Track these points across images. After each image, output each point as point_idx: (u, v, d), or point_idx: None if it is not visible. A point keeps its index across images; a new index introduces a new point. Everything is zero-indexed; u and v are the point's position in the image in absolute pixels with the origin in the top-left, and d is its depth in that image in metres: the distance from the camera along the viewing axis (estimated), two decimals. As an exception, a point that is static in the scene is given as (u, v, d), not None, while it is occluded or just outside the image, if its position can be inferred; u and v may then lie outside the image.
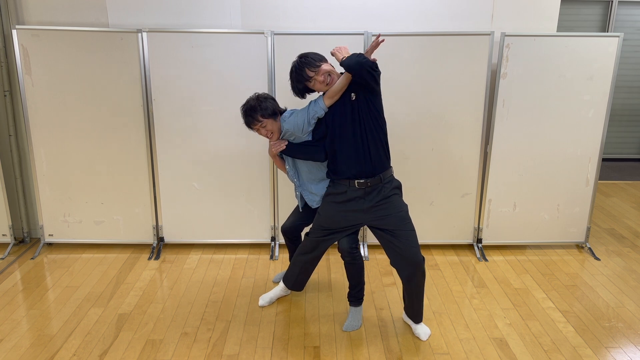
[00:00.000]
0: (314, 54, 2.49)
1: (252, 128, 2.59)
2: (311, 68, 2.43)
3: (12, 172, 3.73)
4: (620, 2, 5.90)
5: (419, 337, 2.65)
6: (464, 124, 3.47)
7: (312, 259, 2.77)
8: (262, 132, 2.60)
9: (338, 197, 2.53)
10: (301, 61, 2.46)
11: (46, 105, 3.43)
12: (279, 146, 2.62)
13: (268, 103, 2.55)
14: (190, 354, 2.51)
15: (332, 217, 2.57)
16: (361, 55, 2.31)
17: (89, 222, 3.67)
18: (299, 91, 2.53)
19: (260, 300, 2.96)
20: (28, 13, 3.45)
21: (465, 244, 3.78)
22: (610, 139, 6.45)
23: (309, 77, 2.44)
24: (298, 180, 2.76)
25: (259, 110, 2.53)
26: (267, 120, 2.55)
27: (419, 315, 2.66)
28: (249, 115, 2.56)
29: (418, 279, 2.51)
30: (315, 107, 2.50)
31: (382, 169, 2.48)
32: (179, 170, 3.56)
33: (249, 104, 2.57)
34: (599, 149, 3.55)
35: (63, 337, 2.64)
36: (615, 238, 4.01)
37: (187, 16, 3.48)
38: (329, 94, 2.45)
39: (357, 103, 2.42)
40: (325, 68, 2.44)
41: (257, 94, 2.61)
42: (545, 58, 3.35)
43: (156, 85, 3.40)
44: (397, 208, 2.49)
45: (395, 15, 3.50)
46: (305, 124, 2.54)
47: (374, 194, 2.48)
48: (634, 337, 2.68)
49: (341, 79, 2.42)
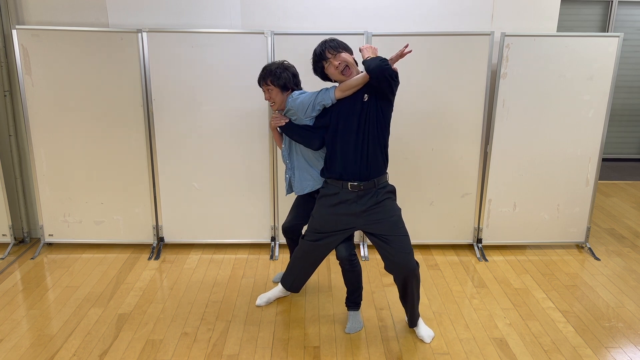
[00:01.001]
0: (342, 42, 2.47)
1: (260, 86, 2.68)
2: (331, 50, 2.41)
3: (12, 172, 3.73)
4: (620, 2, 5.90)
5: (422, 339, 2.63)
6: (464, 124, 3.47)
7: (310, 264, 2.74)
8: (266, 96, 2.66)
9: (330, 199, 2.51)
10: (326, 42, 2.45)
11: (46, 105, 3.43)
12: (279, 121, 2.63)
13: (285, 74, 2.61)
14: (190, 354, 2.51)
15: (325, 220, 2.54)
16: (385, 61, 2.26)
17: (89, 222, 3.67)
18: (319, 71, 2.51)
19: (258, 300, 2.96)
20: (28, 13, 3.45)
21: (465, 244, 3.78)
22: (610, 139, 6.45)
23: (326, 58, 2.42)
24: (289, 162, 2.76)
25: (271, 75, 2.60)
26: (274, 88, 2.61)
27: (414, 319, 2.66)
28: (263, 74, 2.63)
29: (412, 284, 2.50)
30: (325, 95, 2.46)
31: (378, 174, 2.45)
32: (179, 170, 3.56)
33: (270, 67, 2.63)
34: (599, 149, 3.55)
35: (63, 337, 2.64)
36: (615, 238, 4.01)
37: (187, 16, 3.49)
38: (342, 87, 2.41)
39: (368, 105, 2.38)
40: (344, 57, 2.40)
41: (284, 62, 2.67)
42: (545, 58, 3.35)
43: (156, 85, 3.40)
44: (390, 213, 2.46)
45: (395, 16, 3.50)
46: (309, 107, 2.50)
47: (366, 197, 2.45)
48: (634, 337, 2.68)
49: (359, 76, 2.38)
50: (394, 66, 2.32)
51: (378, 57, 2.29)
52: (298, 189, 2.74)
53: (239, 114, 3.45)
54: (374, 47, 2.40)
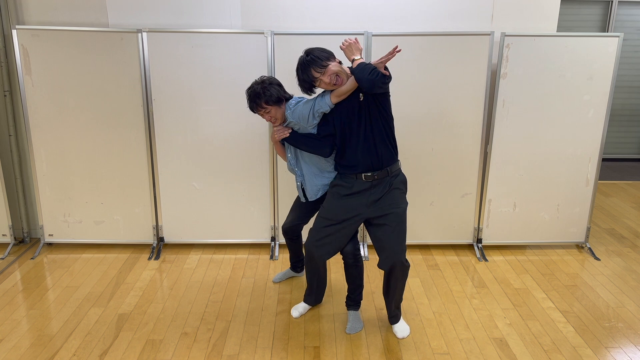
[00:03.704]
0: (321, 50, 2.37)
1: (255, 112, 2.60)
2: (317, 68, 2.33)
3: (12, 172, 3.73)
4: (620, 2, 5.90)
5: (395, 333, 2.67)
6: (464, 124, 3.47)
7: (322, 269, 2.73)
8: (266, 118, 2.59)
9: (344, 189, 2.51)
10: (307, 59, 2.35)
11: (46, 105, 3.43)
12: (283, 133, 2.59)
13: (273, 89, 2.52)
14: (190, 354, 2.51)
15: (334, 207, 2.53)
16: (374, 72, 2.21)
17: (89, 222, 3.67)
18: (305, 89, 2.46)
19: (293, 312, 2.87)
20: (28, 13, 3.45)
21: (465, 244, 3.78)
22: (610, 139, 6.45)
23: (315, 78, 2.36)
24: (298, 170, 2.73)
25: (263, 96, 2.50)
26: (272, 107, 2.53)
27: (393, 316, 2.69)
28: (253, 100, 2.53)
29: (397, 275, 2.50)
30: (322, 102, 2.45)
31: (389, 163, 2.47)
32: (179, 170, 3.56)
33: (253, 89, 2.53)
34: (599, 149, 3.55)
35: (63, 337, 2.64)
36: (615, 238, 4.01)
37: (187, 16, 3.48)
38: (337, 93, 2.40)
39: (366, 103, 2.38)
40: (333, 69, 2.34)
41: (262, 78, 2.56)
42: (545, 58, 3.35)
43: (156, 85, 3.40)
44: (396, 204, 2.48)
45: (396, 15, 3.50)
46: (309, 116, 2.49)
47: (380, 186, 2.47)
48: (634, 337, 2.67)
49: (350, 80, 2.35)
50: (383, 68, 2.28)
51: (366, 69, 2.23)
52: (311, 195, 2.73)
53: (239, 114, 3.45)
54: (353, 41, 2.36)
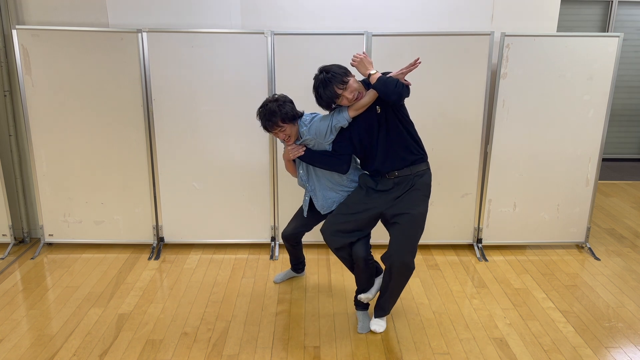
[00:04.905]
0: (338, 66, 2.40)
1: (270, 132, 2.55)
2: (339, 85, 2.36)
3: (12, 172, 3.73)
4: (620, 2, 5.90)
5: (370, 325, 2.67)
6: (464, 124, 3.47)
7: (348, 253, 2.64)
8: (280, 136, 2.56)
9: (371, 183, 2.56)
10: (327, 77, 2.36)
11: (46, 105, 3.43)
12: (297, 152, 2.57)
13: (287, 107, 2.49)
14: (190, 354, 2.51)
15: (354, 200, 2.57)
16: (398, 85, 2.27)
17: (89, 222, 3.67)
18: (326, 105, 2.47)
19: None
20: (28, 13, 3.45)
21: (465, 244, 3.78)
22: (610, 139, 6.45)
23: (338, 95, 2.38)
24: (310, 185, 2.71)
25: (279, 114, 2.46)
26: (287, 125, 2.50)
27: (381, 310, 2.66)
28: (269, 119, 2.48)
29: (397, 275, 2.49)
30: (339, 116, 2.45)
31: (413, 162, 2.48)
32: (179, 170, 3.56)
33: (268, 108, 2.48)
34: (599, 149, 3.55)
35: (63, 337, 2.64)
36: (615, 238, 4.01)
37: (187, 16, 3.48)
38: (355, 107, 2.43)
39: (384, 114, 2.43)
40: (354, 85, 2.39)
41: (276, 97, 2.54)
42: (545, 58, 3.35)
43: (156, 85, 3.40)
44: (413, 206, 2.46)
45: (396, 15, 3.50)
46: (327, 131, 2.49)
47: (402, 185, 2.49)
48: (634, 337, 2.67)
49: (369, 94, 2.40)
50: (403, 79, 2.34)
51: (390, 82, 2.28)
52: (325, 208, 2.70)
53: (239, 114, 3.45)
54: (363, 56, 2.41)
